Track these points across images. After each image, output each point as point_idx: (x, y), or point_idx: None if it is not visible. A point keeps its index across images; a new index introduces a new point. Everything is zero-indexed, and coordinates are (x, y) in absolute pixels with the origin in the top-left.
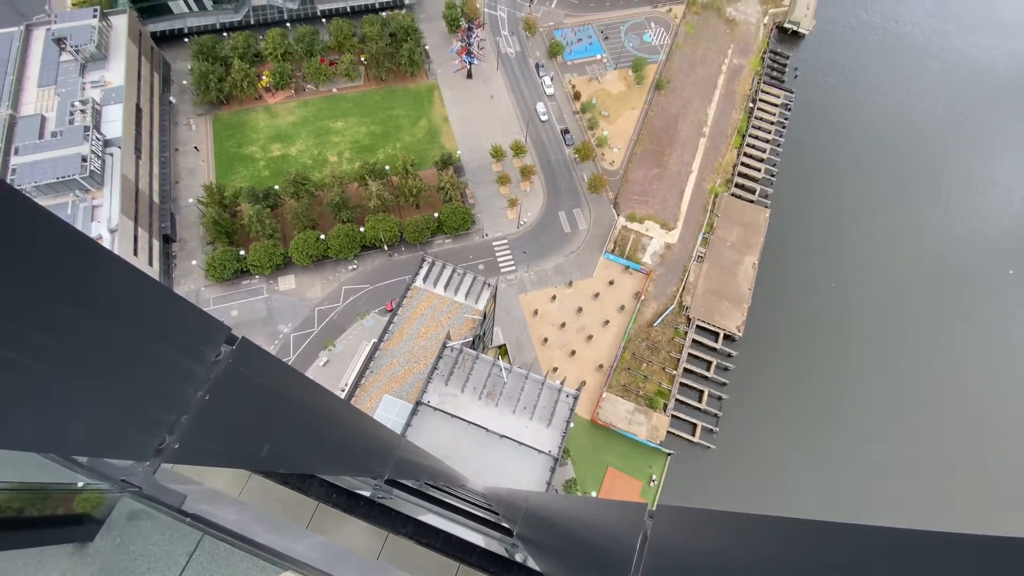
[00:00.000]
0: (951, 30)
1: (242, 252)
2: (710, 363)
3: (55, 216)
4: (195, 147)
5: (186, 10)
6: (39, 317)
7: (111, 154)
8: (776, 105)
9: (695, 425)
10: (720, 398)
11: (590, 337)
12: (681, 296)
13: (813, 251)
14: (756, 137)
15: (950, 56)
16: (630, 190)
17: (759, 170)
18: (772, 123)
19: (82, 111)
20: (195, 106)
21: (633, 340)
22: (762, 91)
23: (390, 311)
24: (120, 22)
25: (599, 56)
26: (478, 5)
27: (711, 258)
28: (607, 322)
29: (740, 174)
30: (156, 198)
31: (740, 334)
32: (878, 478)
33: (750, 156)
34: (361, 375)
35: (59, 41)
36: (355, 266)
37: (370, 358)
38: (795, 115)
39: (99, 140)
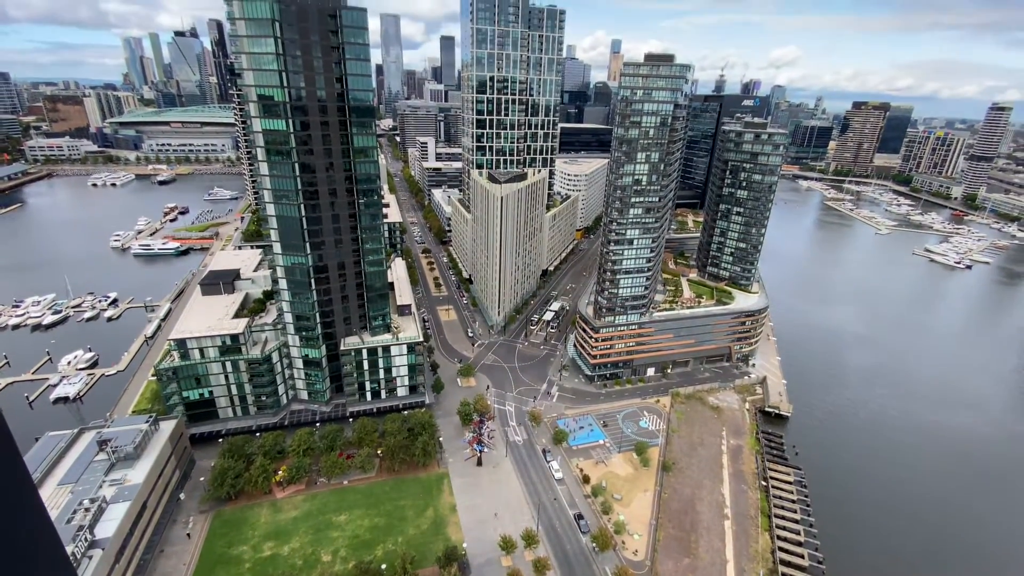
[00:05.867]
0: (917, 408)
1: None
2: None
3: None
4: (187, 534)
5: (231, 415)
6: None
7: (90, 556)
8: (789, 483)
9: None
10: None
11: None
12: None
13: None
14: (783, 518)
15: (929, 429)
16: None
17: (802, 556)
18: (794, 501)
19: (86, 509)
20: (202, 503)
21: None
22: (769, 469)
23: None
24: (168, 426)
25: (602, 441)
26: (488, 402)
27: None
28: None
29: (783, 561)
30: None
31: None
32: None
33: (785, 539)
34: None
35: (102, 443)
36: None
37: None
38: (814, 492)
39: (87, 541)
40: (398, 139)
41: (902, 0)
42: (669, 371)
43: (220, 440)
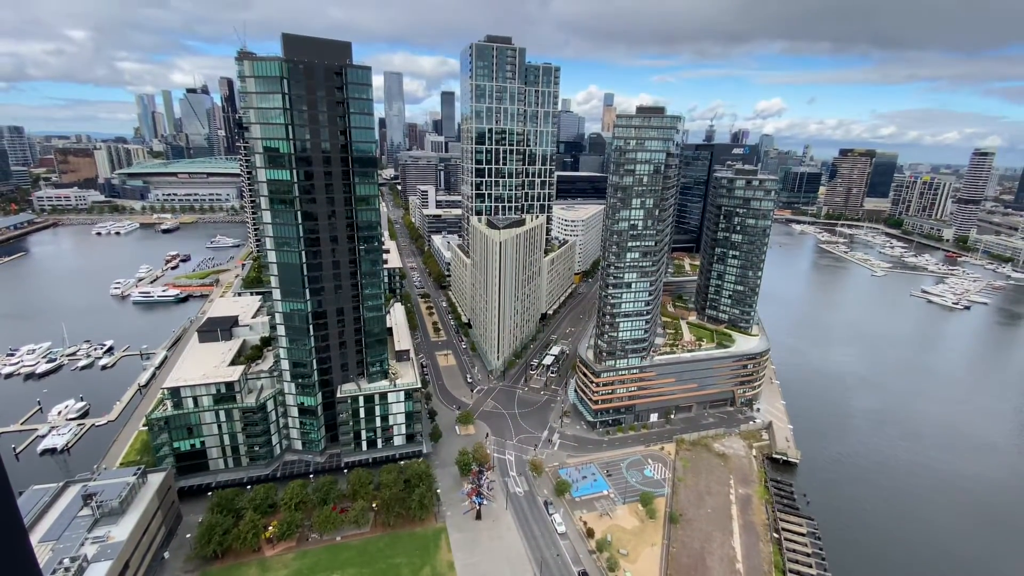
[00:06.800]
0: (928, 452)
1: None
2: None
3: None
4: None
5: (222, 466)
6: None
7: None
8: (803, 534)
9: None
10: None
11: None
12: None
13: None
14: (798, 573)
15: (941, 475)
16: None
17: None
18: (808, 555)
19: (66, 569)
20: (187, 562)
21: None
22: (781, 520)
23: None
24: (156, 479)
25: (606, 492)
26: (488, 451)
27: None
28: None
29: None
30: None
31: None
32: None
33: None
34: None
35: (87, 497)
36: None
37: None
38: (829, 544)
39: None
40: (399, 188)
41: (879, 55)
42: (672, 417)
43: (209, 493)
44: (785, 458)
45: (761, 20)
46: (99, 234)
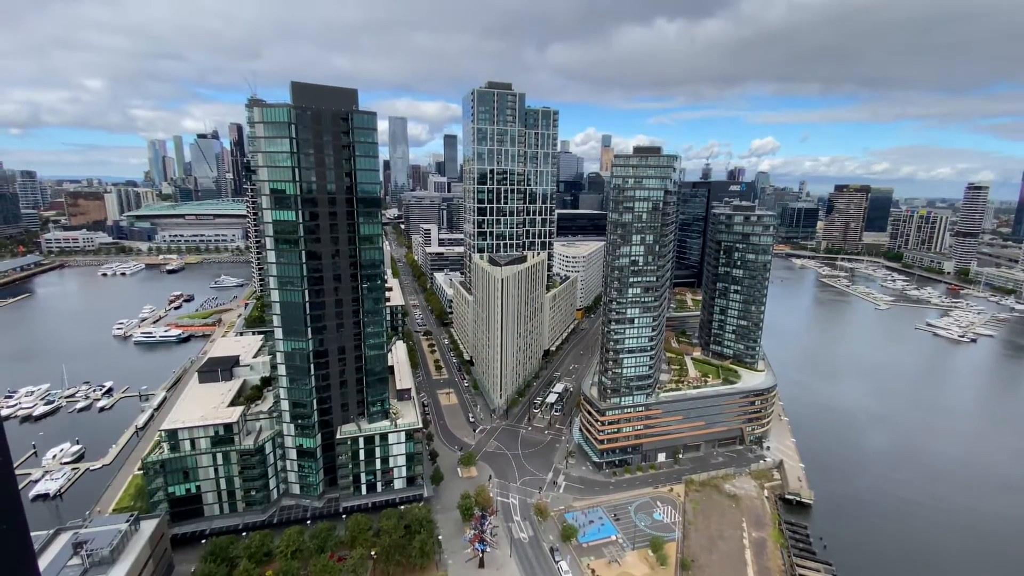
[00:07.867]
0: (947, 492)
1: None
2: None
3: None
4: None
5: (217, 512)
6: None
7: None
8: None
9: None
10: None
11: None
12: None
13: None
14: None
15: (963, 515)
16: None
17: None
18: None
19: None
20: None
21: None
22: (797, 566)
23: None
24: (148, 526)
25: (614, 537)
26: (491, 494)
27: None
28: None
29: None
30: None
31: None
32: None
33: None
34: None
35: (77, 545)
36: None
37: None
38: None
39: None
40: (403, 227)
41: (867, 95)
42: (680, 457)
43: (203, 541)
44: (798, 499)
45: (752, 64)
46: (105, 275)
